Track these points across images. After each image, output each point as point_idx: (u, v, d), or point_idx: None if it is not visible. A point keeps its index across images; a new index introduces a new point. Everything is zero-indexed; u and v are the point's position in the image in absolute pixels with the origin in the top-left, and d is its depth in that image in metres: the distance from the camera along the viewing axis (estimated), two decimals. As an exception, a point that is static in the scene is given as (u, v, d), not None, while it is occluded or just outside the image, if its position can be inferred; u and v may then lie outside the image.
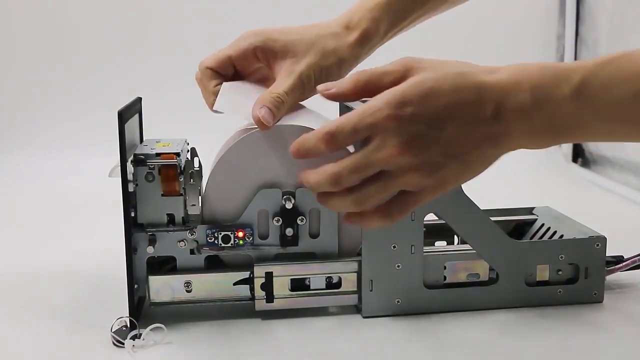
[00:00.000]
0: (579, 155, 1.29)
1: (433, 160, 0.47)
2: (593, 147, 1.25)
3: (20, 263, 0.75)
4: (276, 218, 0.57)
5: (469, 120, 0.46)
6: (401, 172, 0.47)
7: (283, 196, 0.57)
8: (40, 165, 1.19)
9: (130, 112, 0.57)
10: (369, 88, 0.49)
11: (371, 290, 0.59)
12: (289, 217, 0.57)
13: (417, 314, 0.59)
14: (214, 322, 0.58)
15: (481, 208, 0.60)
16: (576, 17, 1.28)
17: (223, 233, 0.57)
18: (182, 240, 0.57)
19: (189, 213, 0.57)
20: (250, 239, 0.57)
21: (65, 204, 1.01)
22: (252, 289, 0.57)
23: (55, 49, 1.25)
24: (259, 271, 0.57)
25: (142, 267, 0.57)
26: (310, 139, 0.48)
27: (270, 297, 0.57)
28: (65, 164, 1.17)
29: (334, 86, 0.50)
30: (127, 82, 1.18)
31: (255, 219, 0.57)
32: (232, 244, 0.57)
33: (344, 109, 0.65)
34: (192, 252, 0.57)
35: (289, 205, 0.57)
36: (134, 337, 0.54)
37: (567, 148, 1.28)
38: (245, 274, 0.57)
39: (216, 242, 0.57)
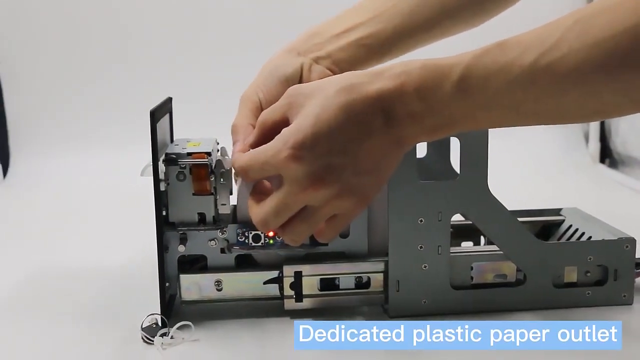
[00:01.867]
0: (606, 156, 1.28)
1: (349, 183, 0.48)
2: (621, 147, 1.23)
3: (54, 260, 0.76)
4: None
5: (365, 136, 0.47)
6: (323, 204, 0.49)
7: None
8: (74, 165, 1.20)
9: (161, 111, 0.58)
10: (268, 132, 0.51)
11: (398, 291, 0.59)
12: None
13: (444, 314, 0.59)
14: (243, 320, 0.58)
15: (508, 209, 0.59)
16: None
17: (254, 232, 0.57)
18: (213, 239, 0.57)
19: (219, 212, 0.58)
20: (281, 238, 0.58)
21: (98, 203, 1.04)
22: (281, 288, 0.58)
23: (81, 49, 1.27)
24: (289, 270, 0.58)
25: (173, 266, 0.58)
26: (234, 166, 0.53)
27: (299, 297, 0.58)
28: (97, 164, 1.18)
29: (242, 144, 0.54)
30: (156, 82, 1.19)
31: None
32: (262, 243, 0.58)
33: None
34: (222, 251, 0.58)
35: None
36: (163, 335, 0.54)
37: (594, 149, 1.27)
38: (274, 273, 0.58)
39: (247, 241, 0.58)
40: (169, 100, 0.62)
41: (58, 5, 1.25)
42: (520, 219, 0.62)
